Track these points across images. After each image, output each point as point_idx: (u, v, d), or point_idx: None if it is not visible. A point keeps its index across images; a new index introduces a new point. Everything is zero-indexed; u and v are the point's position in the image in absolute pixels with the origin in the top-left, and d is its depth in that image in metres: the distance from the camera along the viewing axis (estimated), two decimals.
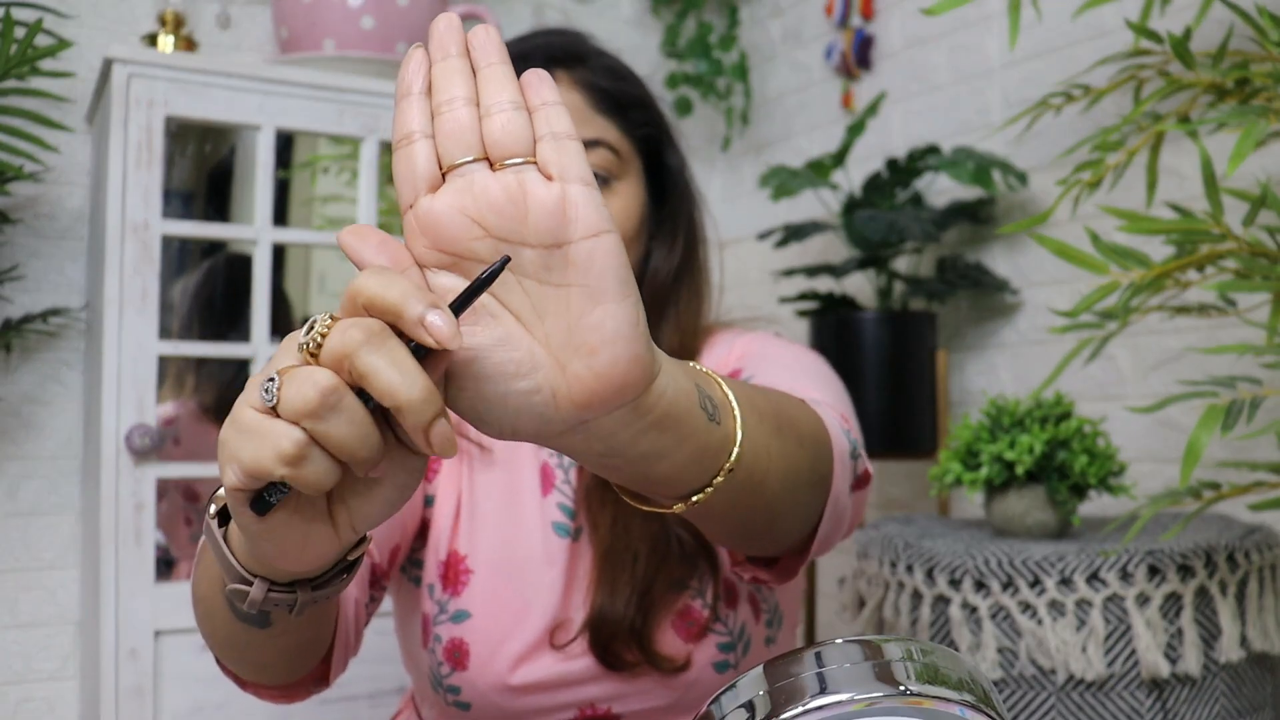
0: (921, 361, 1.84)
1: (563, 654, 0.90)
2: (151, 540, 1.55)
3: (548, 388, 0.49)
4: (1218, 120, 1.10)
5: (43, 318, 1.77)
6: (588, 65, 0.97)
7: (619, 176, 0.95)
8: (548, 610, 0.91)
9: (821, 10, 2.33)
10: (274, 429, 0.44)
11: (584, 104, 0.94)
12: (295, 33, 1.86)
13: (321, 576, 0.57)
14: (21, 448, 1.83)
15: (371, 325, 0.44)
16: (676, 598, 0.91)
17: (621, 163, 0.95)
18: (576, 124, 0.86)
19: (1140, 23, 1.33)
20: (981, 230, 1.95)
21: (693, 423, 0.54)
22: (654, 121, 1.00)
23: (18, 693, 1.80)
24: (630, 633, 0.88)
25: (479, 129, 0.49)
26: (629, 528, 0.91)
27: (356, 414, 0.44)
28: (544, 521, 0.95)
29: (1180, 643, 1.20)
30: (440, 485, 0.97)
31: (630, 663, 0.89)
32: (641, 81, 1.01)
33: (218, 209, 1.84)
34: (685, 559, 0.91)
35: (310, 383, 0.44)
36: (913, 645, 0.57)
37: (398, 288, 0.44)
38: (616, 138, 0.95)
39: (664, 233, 1.01)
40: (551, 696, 0.90)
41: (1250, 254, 1.07)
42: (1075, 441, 1.33)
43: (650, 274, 1.00)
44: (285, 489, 0.47)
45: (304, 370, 0.44)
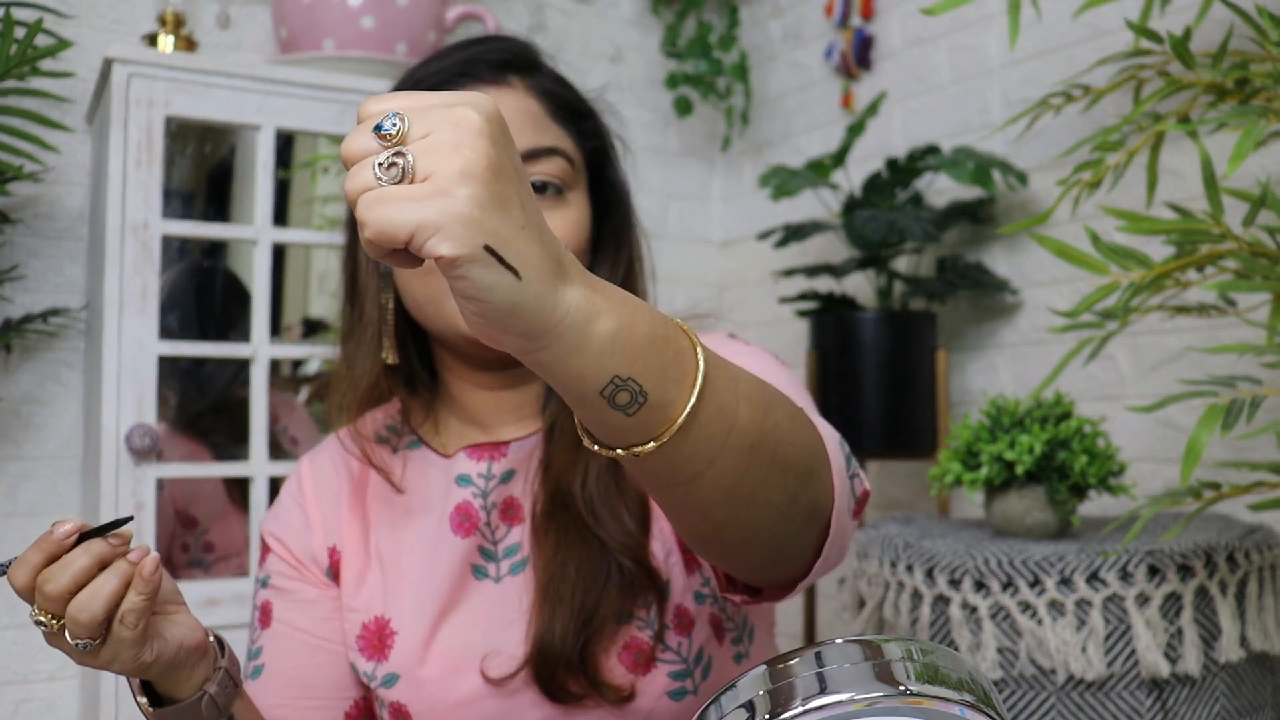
0: (921, 361, 1.84)
1: (504, 690, 0.86)
2: (152, 541, 1.55)
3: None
4: (1218, 120, 1.10)
5: (43, 318, 1.77)
6: (541, 71, 0.94)
7: (571, 187, 0.91)
8: (480, 651, 0.88)
9: (821, 10, 2.33)
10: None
11: (540, 111, 0.90)
12: (295, 33, 1.86)
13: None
14: (21, 448, 1.83)
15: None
16: (620, 629, 0.87)
17: (574, 173, 0.92)
18: (534, 130, 0.87)
19: (1140, 23, 1.33)
20: (981, 230, 1.95)
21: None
22: (601, 134, 0.97)
23: (17, 693, 1.80)
24: (572, 664, 0.84)
25: None
26: (568, 559, 0.87)
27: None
28: (464, 563, 0.91)
29: (1180, 643, 1.20)
30: (347, 582, 0.93)
31: (576, 694, 0.85)
32: (585, 94, 0.98)
33: (218, 209, 1.84)
34: (627, 588, 0.87)
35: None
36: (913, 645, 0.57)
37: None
38: (570, 147, 0.92)
39: (606, 250, 0.96)
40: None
41: (1250, 254, 1.07)
42: (1075, 441, 1.33)
43: (609, 257, 0.96)
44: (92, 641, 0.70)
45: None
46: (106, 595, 0.68)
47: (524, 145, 0.87)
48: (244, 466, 1.65)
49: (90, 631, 0.69)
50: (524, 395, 0.94)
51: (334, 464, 0.96)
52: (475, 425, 0.94)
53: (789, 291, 2.23)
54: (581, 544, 0.87)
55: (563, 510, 0.87)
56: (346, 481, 0.95)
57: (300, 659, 0.91)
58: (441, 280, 0.84)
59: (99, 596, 0.68)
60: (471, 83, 0.88)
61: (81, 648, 0.69)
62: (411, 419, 0.96)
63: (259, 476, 1.64)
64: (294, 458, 1.75)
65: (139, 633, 0.70)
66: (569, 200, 0.90)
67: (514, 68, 0.91)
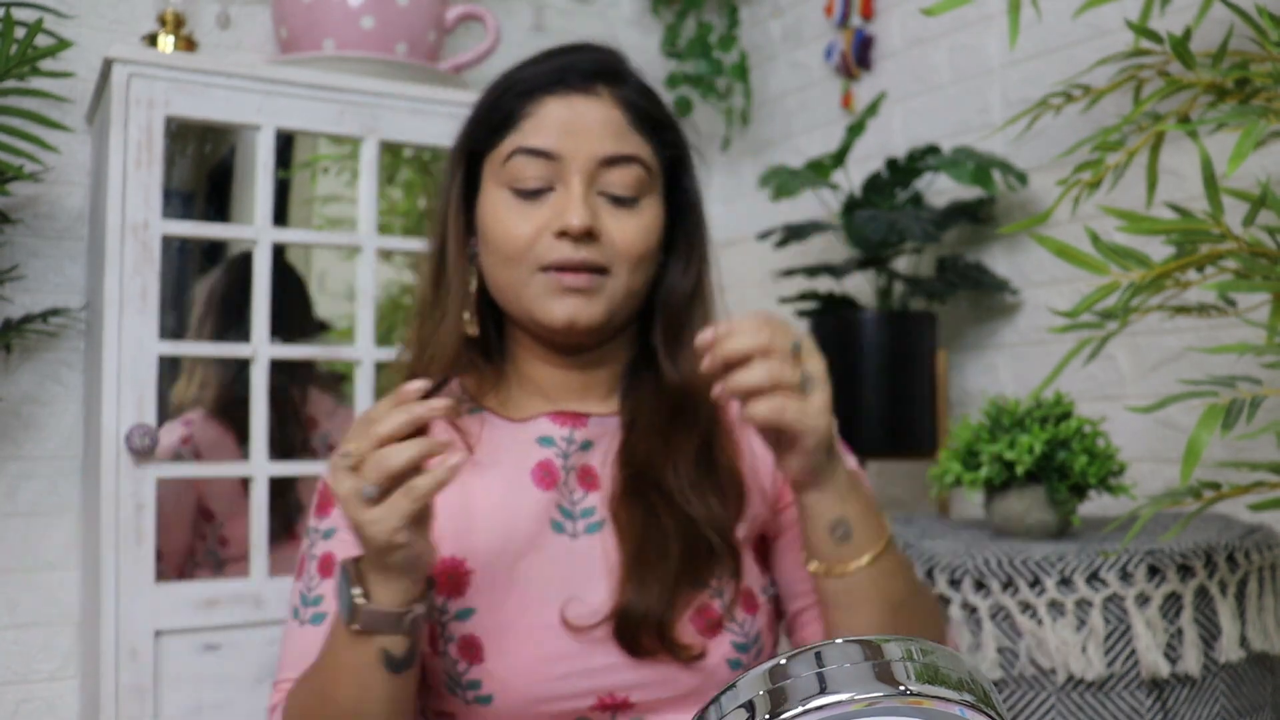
0: (921, 362, 1.84)
1: (584, 639, 0.93)
2: (152, 540, 1.55)
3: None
4: (1218, 120, 1.10)
5: (42, 318, 1.77)
6: (628, 84, 1.00)
7: (646, 194, 0.99)
8: (558, 596, 0.94)
9: (821, 10, 2.33)
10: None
11: (624, 121, 0.98)
12: (295, 33, 1.86)
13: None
14: (21, 448, 1.83)
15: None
16: (697, 594, 0.95)
17: (650, 180, 0.99)
18: (617, 139, 0.97)
19: (1140, 23, 1.33)
20: (981, 230, 1.95)
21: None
22: (680, 144, 1.04)
23: (17, 693, 1.80)
24: (653, 623, 0.92)
25: None
26: (662, 526, 0.95)
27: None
28: (543, 516, 0.97)
29: (1180, 643, 1.20)
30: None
31: (649, 649, 0.93)
32: (668, 106, 1.05)
33: (218, 209, 1.84)
34: (707, 559, 0.96)
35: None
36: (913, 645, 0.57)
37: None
38: (649, 156, 0.99)
39: (679, 253, 1.05)
40: (572, 683, 0.92)
41: (1250, 254, 1.07)
42: (1075, 441, 1.33)
43: (666, 292, 1.04)
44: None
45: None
46: (407, 456, 0.77)
47: (606, 151, 0.96)
48: (244, 467, 1.65)
49: (380, 479, 0.77)
50: (591, 376, 1.03)
51: None
52: (543, 397, 1.02)
53: (789, 292, 2.23)
54: (670, 518, 0.95)
55: (652, 489, 0.97)
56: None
57: None
58: (522, 270, 0.96)
59: (403, 453, 0.77)
60: (563, 90, 0.97)
61: (366, 493, 0.77)
62: (472, 389, 1.03)
63: (259, 476, 1.64)
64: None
65: (413, 509, 0.78)
66: (642, 206, 0.99)
67: (603, 78, 0.99)
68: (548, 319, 0.96)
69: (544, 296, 0.96)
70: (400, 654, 0.85)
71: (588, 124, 0.96)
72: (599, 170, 0.96)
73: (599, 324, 0.97)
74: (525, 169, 0.96)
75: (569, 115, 0.96)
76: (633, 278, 0.98)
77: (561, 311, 0.96)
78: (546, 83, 0.97)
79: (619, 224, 0.97)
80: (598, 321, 0.97)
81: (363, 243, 1.73)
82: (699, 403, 1.00)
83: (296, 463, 1.79)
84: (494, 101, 1.00)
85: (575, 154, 0.95)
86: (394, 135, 1.76)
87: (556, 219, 0.95)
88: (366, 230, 1.73)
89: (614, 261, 0.97)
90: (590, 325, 0.97)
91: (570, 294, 0.95)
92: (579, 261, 0.95)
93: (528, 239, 0.95)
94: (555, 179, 0.96)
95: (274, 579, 1.63)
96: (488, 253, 0.99)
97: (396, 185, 1.95)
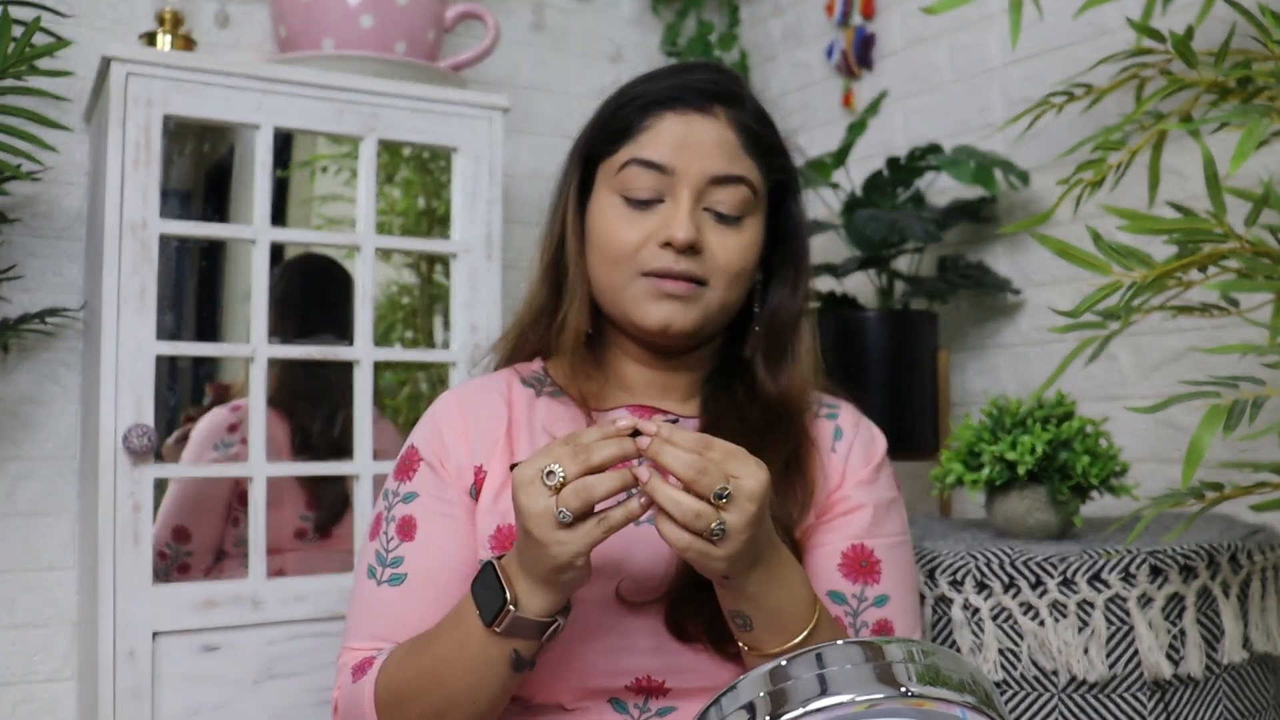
0: (923, 362, 1.84)
1: (634, 616, 0.96)
2: (149, 541, 1.55)
3: None
4: (1220, 119, 1.09)
5: (40, 318, 1.76)
6: (743, 106, 1.04)
7: (750, 214, 1.03)
8: (613, 574, 0.97)
9: (822, 9, 2.33)
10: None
11: (736, 143, 1.02)
12: (294, 31, 1.86)
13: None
14: (19, 448, 1.82)
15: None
16: None
17: (755, 201, 1.03)
18: (728, 159, 1.01)
19: (1142, 21, 1.33)
20: (983, 230, 1.95)
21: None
22: (788, 169, 1.09)
23: (15, 694, 1.79)
24: (702, 611, 0.95)
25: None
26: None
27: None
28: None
29: (1182, 644, 1.20)
30: (487, 496, 1.03)
31: (690, 634, 0.96)
32: (781, 131, 1.09)
33: (216, 208, 1.84)
34: None
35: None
36: (914, 646, 0.57)
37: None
38: (757, 178, 1.03)
39: (784, 274, 1.10)
40: (614, 660, 0.96)
41: (1253, 253, 1.07)
42: (1077, 442, 1.32)
43: (772, 311, 1.09)
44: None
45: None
46: (609, 487, 0.81)
47: (716, 170, 1.00)
48: (243, 467, 1.64)
49: (582, 507, 0.81)
50: (676, 378, 1.08)
51: (487, 395, 1.07)
52: (625, 390, 1.08)
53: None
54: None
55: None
56: (502, 409, 1.06)
57: (444, 576, 1.02)
58: (625, 273, 1.01)
59: (606, 483, 0.81)
60: (682, 107, 1.01)
61: (561, 516, 0.81)
62: (558, 375, 1.09)
63: (258, 477, 1.63)
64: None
65: (602, 538, 0.82)
66: (745, 225, 1.03)
67: (721, 99, 1.03)
68: (644, 321, 1.01)
69: (643, 300, 1.01)
70: (530, 655, 0.89)
71: (702, 142, 1.00)
72: (708, 187, 1.01)
73: (692, 330, 1.02)
74: (638, 179, 1.01)
75: (685, 131, 1.00)
76: (728, 292, 1.03)
77: (658, 315, 1.00)
78: (666, 98, 1.02)
79: (721, 240, 1.01)
80: (691, 327, 1.02)
81: (361, 242, 1.73)
82: (793, 414, 1.05)
83: (296, 464, 1.79)
84: (614, 111, 1.05)
85: (687, 169, 1.00)
86: (393, 134, 1.75)
87: (663, 229, 0.99)
88: (365, 230, 1.73)
89: (712, 274, 1.01)
90: (684, 330, 1.01)
91: (668, 299, 1.00)
92: (680, 271, 0.99)
93: (634, 245, 1.00)
94: (666, 191, 1.00)
95: (272, 580, 1.62)
96: (594, 252, 1.04)
97: (395, 184, 1.95)
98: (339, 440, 1.80)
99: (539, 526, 0.82)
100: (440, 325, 1.93)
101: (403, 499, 1.05)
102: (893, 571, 1.04)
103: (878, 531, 1.04)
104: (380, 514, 1.06)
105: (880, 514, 1.05)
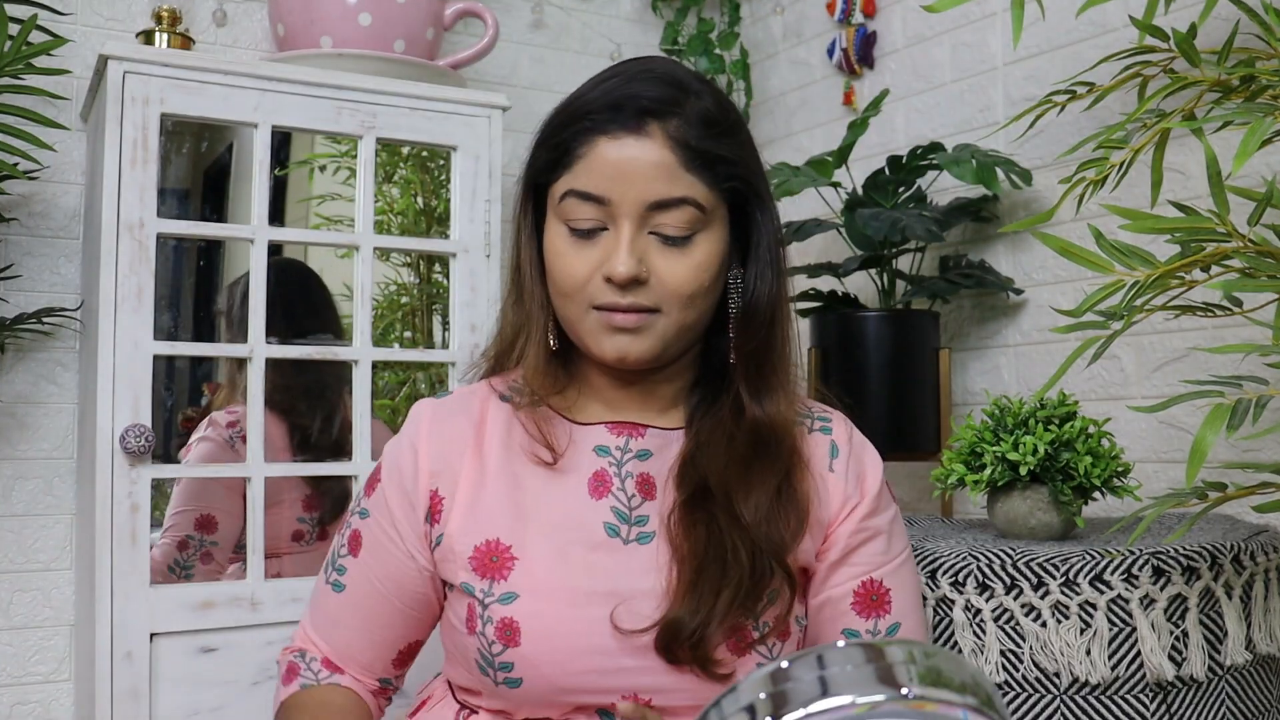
0: (924, 361, 1.83)
1: (624, 640, 0.95)
2: (147, 542, 1.54)
3: None
4: (1223, 118, 1.09)
5: (37, 317, 1.75)
6: (684, 117, 0.97)
7: (700, 230, 0.98)
8: (604, 596, 0.96)
9: (823, 7, 2.32)
10: None
11: (674, 161, 0.96)
12: (292, 30, 1.85)
13: None
14: (16, 448, 1.82)
15: None
16: (745, 618, 0.97)
17: (706, 216, 0.98)
18: (667, 182, 0.95)
19: (1145, 19, 1.32)
20: (984, 229, 1.94)
21: None
22: (743, 175, 1.01)
23: (12, 695, 1.79)
24: (696, 638, 0.94)
25: None
26: (726, 547, 0.97)
27: None
28: (596, 520, 1.00)
29: (1185, 645, 1.19)
30: (456, 514, 1.01)
31: (682, 660, 0.95)
32: (734, 124, 1.02)
33: (214, 208, 1.83)
34: (770, 586, 0.97)
35: None
36: (915, 648, 0.56)
37: None
38: (704, 194, 0.98)
39: (759, 262, 1.04)
40: (602, 679, 0.95)
41: (1256, 253, 1.06)
42: (1079, 442, 1.31)
43: (754, 301, 1.04)
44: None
45: None
46: None
47: (654, 195, 0.95)
48: (242, 468, 1.64)
49: None
50: (654, 389, 1.05)
51: (454, 417, 1.05)
52: (603, 404, 1.06)
53: (790, 291, 2.22)
54: (740, 543, 0.97)
55: (721, 511, 0.98)
56: (469, 431, 1.04)
57: (370, 603, 1.05)
58: (577, 306, 0.98)
59: None
60: (616, 130, 0.96)
61: None
62: (536, 384, 1.05)
63: (255, 477, 1.63)
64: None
65: None
66: (695, 244, 0.98)
67: (656, 114, 0.96)
68: (600, 354, 0.99)
69: (596, 333, 0.99)
70: None
71: (637, 168, 0.96)
72: (648, 214, 0.96)
73: (650, 357, 1.00)
74: (577, 210, 0.97)
75: (618, 158, 0.96)
76: (684, 314, 0.99)
77: (612, 348, 0.98)
78: (601, 121, 0.97)
79: (669, 264, 0.97)
80: (649, 355, 0.99)
81: (360, 242, 1.72)
82: (782, 437, 1.03)
83: (294, 464, 1.78)
84: (551, 135, 1.01)
85: (623, 198, 0.96)
86: (392, 133, 1.75)
87: (606, 263, 0.96)
88: (364, 229, 1.72)
89: (664, 301, 0.97)
90: (641, 359, 0.99)
91: (619, 332, 0.98)
92: (626, 305, 0.96)
93: (581, 278, 0.97)
94: (607, 220, 0.97)
95: (269, 581, 1.62)
96: (550, 282, 1.01)
97: (394, 183, 1.94)
98: (338, 441, 1.79)
99: None
100: (439, 325, 1.93)
101: (358, 513, 1.06)
102: (901, 595, 1.04)
103: (886, 560, 1.04)
104: (345, 519, 1.09)
105: (888, 539, 1.05)
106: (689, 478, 1.01)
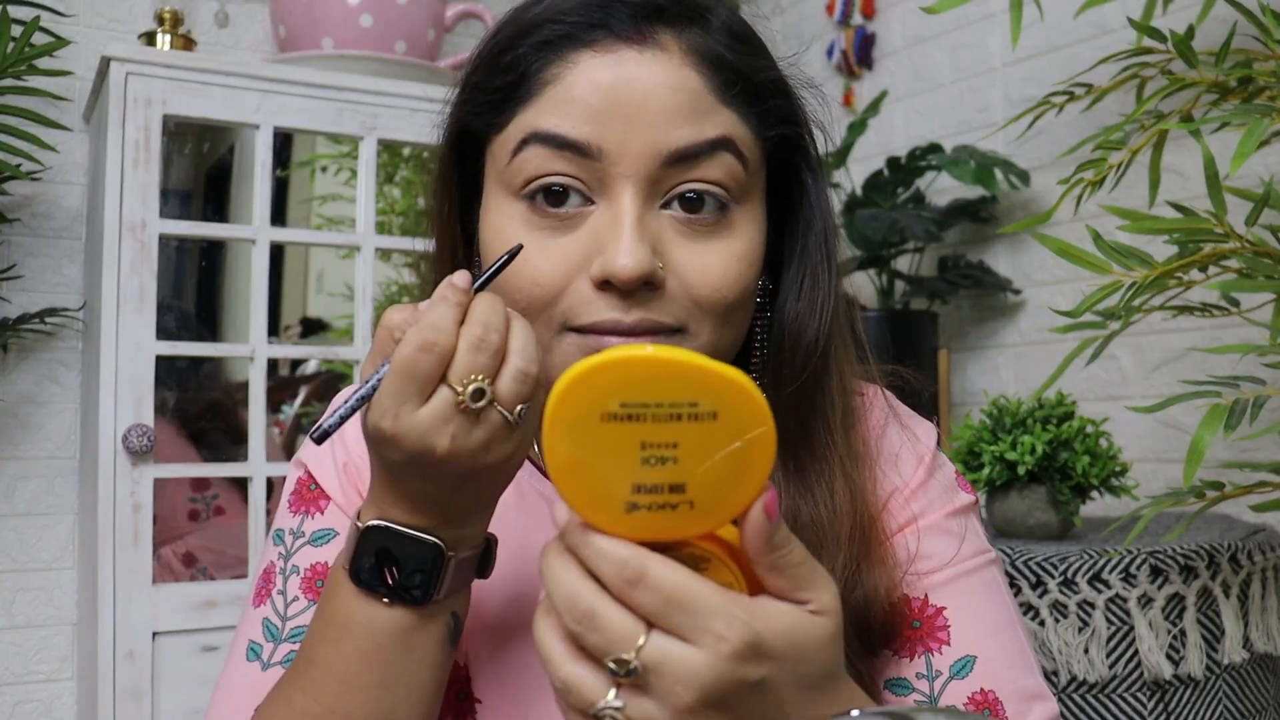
0: (923, 361, 1.83)
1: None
2: (149, 541, 1.55)
3: None
4: (1221, 119, 1.09)
5: (40, 318, 1.76)
6: (708, 25, 0.65)
7: (740, 200, 0.64)
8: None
9: (822, 8, 2.33)
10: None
11: (702, 86, 0.62)
12: (293, 31, 1.86)
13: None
14: (18, 448, 1.82)
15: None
16: None
17: (747, 177, 0.64)
18: (691, 117, 0.61)
19: (1143, 21, 1.32)
20: (983, 229, 1.95)
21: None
22: (794, 117, 0.70)
23: (15, 694, 1.79)
24: None
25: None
26: None
27: None
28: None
29: (1183, 644, 1.20)
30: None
31: None
32: (766, 49, 0.71)
33: (215, 208, 1.84)
34: None
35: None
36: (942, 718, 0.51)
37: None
38: (746, 138, 0.64)
39: (807, 260, 0.73)
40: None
41: (1253, 253, 1.07)
42: (1077, 442, 1.32)
43: (797, 321, 0.72)
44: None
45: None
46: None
47: (676, 142, 0.61)
48: (243, 467, 1.64)
49: (523, 395, 0.53)
50: None
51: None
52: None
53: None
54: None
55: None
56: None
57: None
58: (541, 327, 0.63)
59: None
60: (608, 39, 0.62)
61: (519, 416, 0.53)
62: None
63: (257, 476, 1.63)
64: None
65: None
66: (733, 222, 0.64)
67: (668, 17, 0.63)
68: None
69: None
70: (463, 612, 0.62)
71: (645, 95, 0.61)
72: (664, 171, 0.61)
73: None
74: (543, 165, 0.61)
75: (615, 81, 0.61)
76: (718, 335, 0.64)
77: None
78: (581, 26, 0.62)
79: (697, 258, 0.63)
80: None
81: (361, 242, 1.72)
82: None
83: None
84: (497, 55, 0.65)
85: (625, 147, 0.61)
86: (393, 134, 1.75)
87: (596, 256, 0.61)
88: (365, 229, 1.72)
89: (689, 317, 0.63)
90: None
91: None
92: (630, 325, 0.61)
93: (552, 285, 0.62)
94: (593, 185, 0.62)
95: None
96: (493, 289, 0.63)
97: (395, 184, 1.95)
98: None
99: (497, 442, 0.55)
100: None
101: (311, 540, 0.71)
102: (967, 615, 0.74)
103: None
104: (270, 567, 0.71)
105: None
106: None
